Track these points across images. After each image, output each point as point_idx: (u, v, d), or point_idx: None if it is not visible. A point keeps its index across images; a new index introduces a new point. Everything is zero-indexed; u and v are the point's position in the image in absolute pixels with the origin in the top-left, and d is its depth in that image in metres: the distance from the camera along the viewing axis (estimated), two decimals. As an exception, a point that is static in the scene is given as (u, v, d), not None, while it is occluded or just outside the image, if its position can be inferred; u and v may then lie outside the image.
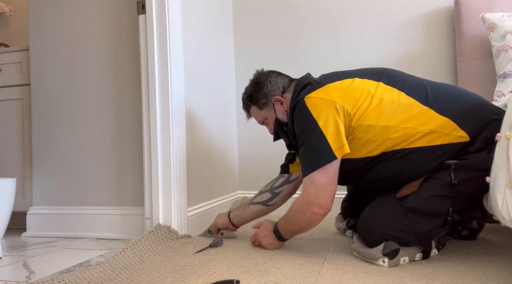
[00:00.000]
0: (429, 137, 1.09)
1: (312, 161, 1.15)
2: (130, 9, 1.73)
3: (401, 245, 1.13)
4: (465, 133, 1.09)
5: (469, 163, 1.07)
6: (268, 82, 1.37)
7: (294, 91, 1.28)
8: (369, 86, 1.16)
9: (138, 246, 1.37)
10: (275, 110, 1.35)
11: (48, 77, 1.86)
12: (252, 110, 1.44)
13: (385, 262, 1.11)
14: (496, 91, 1.58)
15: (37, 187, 1.86)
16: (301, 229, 1.27)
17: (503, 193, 0.95)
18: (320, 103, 1.14)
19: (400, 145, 1.12)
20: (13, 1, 2.78)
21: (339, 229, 1.58)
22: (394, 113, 1.11)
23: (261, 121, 1.44)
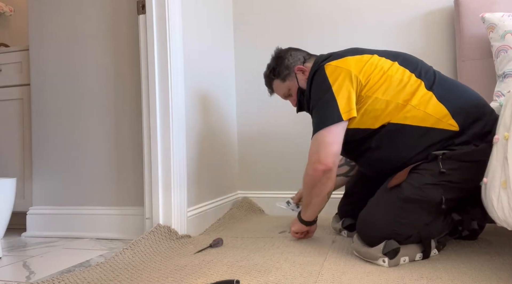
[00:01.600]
0: (422, 117, 1.17)
1: (320, 121, 1.22)
2: (130, 9, 1.73)
3: (401, 242, 1.13)
4: (455, 123, 1.15)
5: (455, 153, 1.14)
6: (289, 55, 1.47)
7: (315, 62, 1.36)
8: (384, 64, 1.24)
9: (138, 246, 1.38)
10: (298, 79, 1.44)
11: (48, 77, 1.86)
12: (275, 84, 1.51)
13: (385, 262, 1.11)
14: (496, 91, 1.58)
15: (37, 187, 1.86)
16: (311, 195, 1.29)
17: (498, 193, 0.95)
18: (336, 70, 1.23)
19: (396, 117, 1.18)
20: (13, 1, 2.78)
21: (335, 229, 1.58)
22: (400, 91, 1.19)
23: (285, 93, 1.51)
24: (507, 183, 0.92)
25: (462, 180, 1.14)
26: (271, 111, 2.20)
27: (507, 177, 0.91)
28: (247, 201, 2.16)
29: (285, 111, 2.16)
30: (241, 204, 2.12)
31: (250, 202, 2.17)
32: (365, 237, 1.18)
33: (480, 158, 1.10)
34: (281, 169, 2.17)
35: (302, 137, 2.13)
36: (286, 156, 2.17)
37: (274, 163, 2.19)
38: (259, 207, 2.17)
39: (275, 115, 2.19)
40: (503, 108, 1.00)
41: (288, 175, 2.16)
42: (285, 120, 2.17)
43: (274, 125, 2.19)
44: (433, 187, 1.14)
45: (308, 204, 1.33)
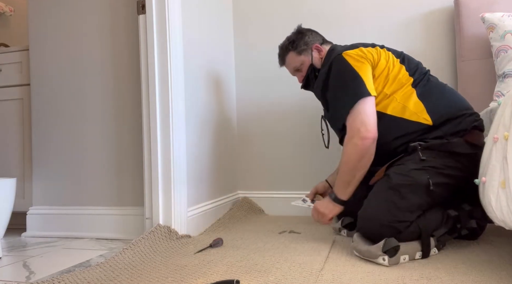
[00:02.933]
0: (400, 109, 1.31)
1: (354, 95, 1.29)
2: (130, 9, 1.73)
3: (402, 234, 1.17)
4: (429, 118, 1.28)
5: (432, 144, 1.26)
6: (309, 33, 1.58)
7: (331, 49, 1.48)
8: (389, 58, 1.38)
9: (138, 246, 1.38)
10: (312, 56, 1.54)
11: (48, 77, 1.86)
12: (289, 56, 1.59)
13: (385, 260, 1.12)
14: (496, 91, 1.58)
15: (37, 187, 1.86)
16: (356, 169, 1.30)
17: (497, 193, 0.95)
18: (357, 57, 1.34)
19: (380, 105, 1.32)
20: (13, 1, 2.78)
21: (334, 228, 1.58)
22: (391, 84, 1.34)
23: (296, 67, 1.58)
24: (506, 183, 0.92)
25: (444, 166, 1.23)
26: (271, 112, 2.20)
27: (506, 177, 0.91)
28: (247, 201, 2.16)
29: (286, 112, 2.16)
30: (241, 204, 2.12)
31: (250, 202, 2.17)
32: (366, 231, 1.22)
33: (455, 150, 1.23)
34: (281, 169, 2.17)
35: (302, 137, 2.13)
36: (286, 156, 2.17)
37: (274, 163, 2.19)
38: (259, 207, 2.17)
39: (275, 115, 2.19)
40: (502, 108, 1.00)
41: (288, 175, 2.16)
42: (285, 121, 2.17)
43: (274, 126, 2.19)
44: (418, 171, 1.22)
45: (350, 180, 1.32)
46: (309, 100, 2.11)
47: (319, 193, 1.67)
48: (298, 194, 2.11)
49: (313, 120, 2.10)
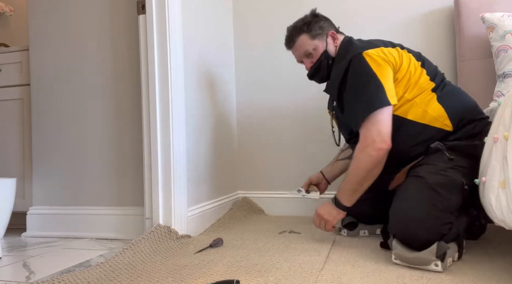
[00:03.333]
0: (421, 114, 1.26)
1: (370, 104, 1.22)
2: (130, 9, 1.73)
3: (445, 236, 1.11)
4: (450, 124, 1.25)
5: (455, 145, 1.23)
6: (324, 19, 1.51)
7: (346, 39, 1.45)
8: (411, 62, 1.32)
9: (138, 246, 1.38)
10: (327, 43, 1.46)
11: (48, 77, 1.86)
12: (301, 38, 1.48)
13: (438, 266, 1.04)
14: (496, 91, 1.58)
15: (37, 187, 1.86)
16: (366, 179, 1.25)
17: (497, 193, 0.95)
18: (378, 59, 1.26)
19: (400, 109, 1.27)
20: (13, 1, 2.78)
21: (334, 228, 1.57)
22: (412, 88, 1.28)
23: (307, 51, 1.47)
24: (506, 183, 0.92)
25: (470, 166, 1.19)
26: (271, 112, 2.20)
27: (506, 177, 0.91)
28: (247, 201, 2.16)
29: (286, 111, 2.16)
30: (241, 204, 2.12)
31: (250, 202, 2.17)
32: (411, 238, 1.11)
33: (473, 153, 1.19)
34: (281, 169, 2.17)
35: (302, 138, 2.13)
36: (286, 156, 2.17)
37: (274, 163, 2.19)
38: (259, 207, 2.17)
39: (275, 115, 2.19)
40: (502, 108, 1.00)
41: (288, 175, 2.16)
42: (285, 121, 2.17)
43: (274, 126, 2.19)
44: (452, 170, 1.18)
45: (357, 189, 1.27)
46: (309, 99, 2.11)
47: (313, 184, 1.67)
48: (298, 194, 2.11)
49: (313, 120, 2.10)
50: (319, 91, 2.08)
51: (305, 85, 2.12)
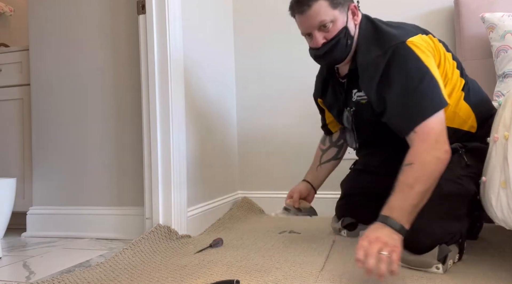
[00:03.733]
0: (452, 118, 1.15)
1: (429, 105, 1.06)
2: (130, 9, 1.73)
3: (448, 243, 1.07)
4: (476, 125, 1.17)
5: (475, 147, 1.15)
6: None
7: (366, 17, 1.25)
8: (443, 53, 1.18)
9: (138, 246, 1.38)
10: (348, 18, 1.20)
11: (48, 77, 1.86)
12: (318, 5, 1.15)
13: (439, 269, 1.03)
14: (496, 91, 1.58)
15: (37, 187, 1.86)
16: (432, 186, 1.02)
17: (497, 193, 0.95)
18: (426, 50, 1.09)
19: None
20: (13, 1, 2.78)
21: (334, 229, 1.56)
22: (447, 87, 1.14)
23: (324, 22, 1.16)
24: (506, 183, 0.92)
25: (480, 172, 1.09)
26: (271, 111, 2.20)
27: (507, 177, 0.91)
28: (247, 201, 2.16)
29: (286, 111, 2.16)
30: (241, 204, 2.12)
31: (250, 202, 2.17)
32: (415, 245, 1.06)
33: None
34: (281, 169, 2.17)
35: (303, 137, 2.13)
36: (286, 156, 2.17)
37: (274, 163, 2.19)
38: (259, 207, 2.17)
39: (275, 115, 2.19)
40: (502, 107, 1.00)
41: (288, 175, 2.15)
42: (286, 121, 2.17)
43: (274, 126, 2.19)
44: (467, 179, 1.11)
45: (419, 203, 1.00)
46: (310, 99, 2.11)
47: (302, 197, 1.44)
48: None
49: (313, 119, 2.10)
50: (319, 91, 2.08)
51: (306, 84, 2.12)
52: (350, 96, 1.26)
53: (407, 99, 1.07)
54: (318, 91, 1.46)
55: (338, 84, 1.32)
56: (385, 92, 1.11)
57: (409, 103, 1.07)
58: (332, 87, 1.36)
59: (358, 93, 1.22)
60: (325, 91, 1.41)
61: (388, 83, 1.10)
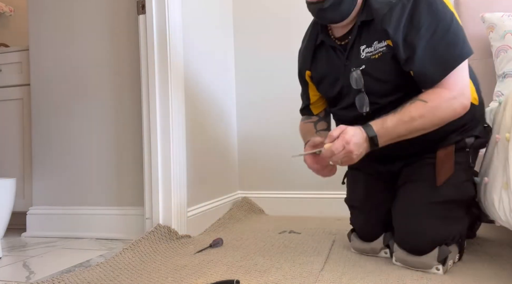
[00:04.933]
0: None
1: (461, 49, 1.01)
2: (130, 9, 1.73)
3: (448, 244, 1.07)
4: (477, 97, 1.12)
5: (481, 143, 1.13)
6: None
7: None
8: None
9: (138, 246, 1.38)
10: None
11: (48, 77, 1.86)
12: None
13: (439, 270, 1.04)
14: (496, 91, 1.58)
15: (37, 187, 1.86)
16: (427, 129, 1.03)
17: (499, 194, 0.95)
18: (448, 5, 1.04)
19: None
20: (13, 1, 2.78)
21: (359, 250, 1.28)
22: None
23: None
24: (508, 184, 0.92)
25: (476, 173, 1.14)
26: (271, 111, 2.20)
27: (508, 178, 0.91)
28: (247, 201, 2.16)
29: (285, 111, 2.16)
30: (241, 204, 2.12)
31: (250, 202, 2.17)
32: (414, 247, 1.07)
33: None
34: (281, 169, 2.17)
35: (302, 137, 2.13)
36: (286, 156, 2.16)
37: (274, 163, 2.19)
38: (259, 207, 2.17)
39: (275, 115, 2.19)
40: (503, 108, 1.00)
41: (288, 175, 2.16)
42: (285, 121, 2.17)
43: (274, 126, 2.19)
44: (468, 183, 1.10)
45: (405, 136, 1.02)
46: (309, 100, 2.11)
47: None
48: (298, 194, 2.12)
49: (313, 120, 2.10)
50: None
51: (305, 85, 2.13)
52: (356, 55, 1.14)
53: (438, 45, 1.01)
54: (306, 63, 1.30)
55: (335, 49, 1.19)
56: (412, 37, 1.02)
57: (439, 50, 1.01)
58: (327, 53, 1.23)
59: (367, 49, 1.11)
60: (314, 61, 1.28)
61: (416, 26, 1.02)
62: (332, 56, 1.20)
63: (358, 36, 1.13)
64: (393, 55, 1.06)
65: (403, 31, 1.03)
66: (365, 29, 1.11)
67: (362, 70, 1.12)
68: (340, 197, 1.66)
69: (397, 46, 1.03)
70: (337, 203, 1.88)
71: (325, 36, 1.21)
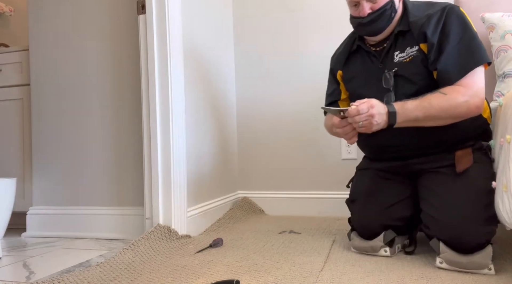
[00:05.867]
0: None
1: (480, 55, 1.16)
2: (130, 9, 1.73)
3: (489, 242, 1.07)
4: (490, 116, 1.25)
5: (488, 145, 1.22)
6: None
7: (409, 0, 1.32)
8: None
9: (138, 246, 1.38)
10: None
11: (48, 77, 1.86)
12: None
13: (491, 270, 1.03)
14: (496, 91, 1.58)
15: (37, 187, 1.86)
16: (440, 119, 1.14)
17: (502, 196, 0.95)
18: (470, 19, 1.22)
19: None
20: (13, 1, 2.78)
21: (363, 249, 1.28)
22: None
23: None
24: (508, 187, 0.92)
25: None
26: (271, 111, 2.20)
27: (508, 180, 0.92)
28: (247, 201, 2.16)
29: (286, 111, 2.16)
30: (241, 204, 2.12)
31: (250, 202, 2.17)
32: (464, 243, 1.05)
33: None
34: (281, 169, 2.17)
35: (303, 137, 2.13)
36: (286, 156, 2.17)
37: (274, 163, 2.19)
38: (259, 207, 2.17)
39: (276, 115, 2.19)
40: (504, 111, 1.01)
41: (288, 175, 2.16)
42: (286, 121, 2.17)
43: (274, 126, 2.19)
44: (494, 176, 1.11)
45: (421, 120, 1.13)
46: (310, 99, 2.11)
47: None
48: (298, 194, 2.12)
49: (313, 119, 2.10)
50: (321, 91, 2.08)
51: (307, 84, 2.13)
52: (390, 60, 1.30)
53: (461, 50, 1.17)
54: (339, 64, 1.47)
55: (369, 54, 1.36)
56: (443, 41, 1.19)
57: (462, 55, 1.16)
58: (361, 58, 1.40)
59: (400, 54, 1.28)
60: (347, 63, 1.44)
61: (447, 33, 1.19)
62: (366, 60, 1.37)
63: (393, 43, 1.29)
64: (422, 59, 1.22)
65: (437, 36, 1.20)
66: (400, 38, 1.28)
67: (394, 72, 1.27)
68: (340, 197, 1.67)
69: (432, 47, 1.19)
70: (337, 203, 1.88)
71: (361, 43, 1.39)
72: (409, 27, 1.26)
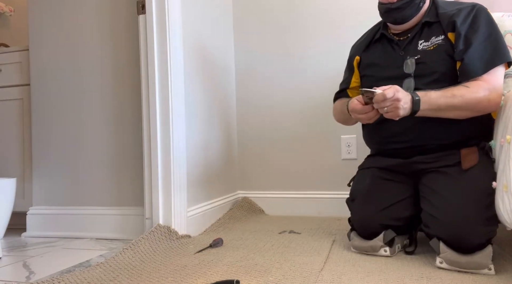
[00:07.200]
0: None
1: (501, 54, 1.20)
2: (130, 9, 1.73)
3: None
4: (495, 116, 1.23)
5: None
6: None
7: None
8: None
9: (138, 246, 1.38)
10: None
11: (48, 77, 1.86)
12: None
13: (491, 270, 1.03)
14: (496, 91, 1.58)
15: (37, 187, 1.86)
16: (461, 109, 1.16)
17: (502, 196, 0.95)
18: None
19: None
20: (13, 1, 2.78)
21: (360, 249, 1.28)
22: None
23: None
24: (508, 187, 0.92)
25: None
26: (271, 111, 2.20)
27: (508, 180, 0.92)
28: (247, 201, 2.16)
29: (285, 111, 2.16)
30: (241, 204, 2.12)
31: (250, 202, 2.17)
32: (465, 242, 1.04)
33: None
34: (281, 169, 2.17)
35: (303, 137, 2.13)
36: (287, 156, 2.17)
37: (274, 163, 2.19)
38: (259, 207, 2.17)
39: (275, 115, 2.19)
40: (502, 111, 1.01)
41: (288, 175, 2.16)
42: (286, 121, 2.17)
43: (274, 126, 2.19)
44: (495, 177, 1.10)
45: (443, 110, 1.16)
46: (311, 98, 2.11)
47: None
48: (298, 194, 2.12)
49: (314, 119, 2.10)
50: (322, 90, 2.08)
51: (307, 84, 2.13)
52: (413, 48, 1.33)
53: (487, 47, 1.21)
54: (359, 50, 1.51)
55: (392, 42, 1.39)
56: (471, 35, 1.22)
57: (488, 52, 1.20)
58: (382, 46, 1.43)
59: (424, 43, 1.31)
60: (366, 50, 1.48)
61: (476, 29, 1.23)
62: (387, 47, 1.40)
63: (419, 32, 1.33)
64: (446, 48, 1.25)
65: (466, 28, 1.23)
66: (426, 28, 1.32)
67: (416, 59, 1.29)
68: (340, 197, 1.67)
69: (459, 36, 1.23)
70: (337, 203, 1.88)
71: (385, 31, 1.43)
72: (438, 18, 1.30)
